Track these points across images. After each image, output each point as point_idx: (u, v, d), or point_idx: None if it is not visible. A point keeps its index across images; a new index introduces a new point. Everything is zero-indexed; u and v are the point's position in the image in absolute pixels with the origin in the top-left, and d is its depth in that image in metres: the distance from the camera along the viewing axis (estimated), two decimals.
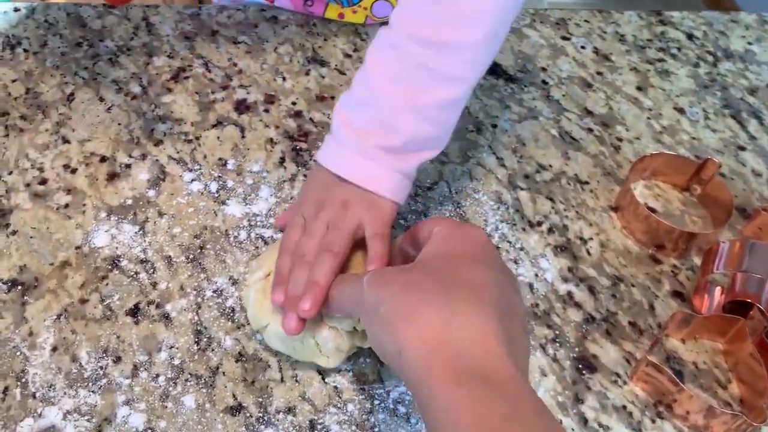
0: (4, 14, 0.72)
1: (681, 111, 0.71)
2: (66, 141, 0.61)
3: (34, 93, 0.64)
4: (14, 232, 0.54)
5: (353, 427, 0.46)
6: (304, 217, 0.51)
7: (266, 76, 0.68)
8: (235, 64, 0.69)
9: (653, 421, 0.48)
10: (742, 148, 0.68)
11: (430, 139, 0.53)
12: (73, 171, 0.59)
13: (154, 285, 0.52)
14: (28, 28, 0.71)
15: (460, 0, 0.49)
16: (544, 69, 0.74)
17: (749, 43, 0.80)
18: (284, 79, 0.68)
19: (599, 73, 0.74)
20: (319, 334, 0.47)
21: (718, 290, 0.55)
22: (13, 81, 0.65)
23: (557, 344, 0.51)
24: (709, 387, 0.51)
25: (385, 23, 0.53)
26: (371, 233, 0.50)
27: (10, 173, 0.58)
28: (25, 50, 0.68)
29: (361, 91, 0.52)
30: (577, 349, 0.51)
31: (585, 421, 0.48)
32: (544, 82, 0.72)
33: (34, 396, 0.46)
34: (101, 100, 0.64)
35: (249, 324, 0.50)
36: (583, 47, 0.76)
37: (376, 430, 0.46)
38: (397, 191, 0.52)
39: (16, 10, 0.72)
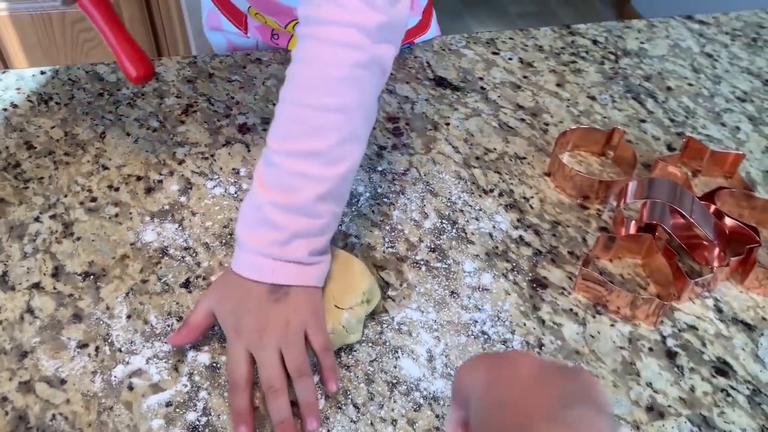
0: (33, 77, 0.86)
1: (593, 98, 0.89)
2: (106, 168, 0.75)
3: (72, 135, 0.79)
4: (78, 238, 0.68)
5: (369, 343, 0.60)
6: (246, 348, 0.55)
7: (260, 104, 0.84)
8: (232, 98, 0.85)
9: (594, 317, 0.64)
10: (643, 121, 0.86)
11: (318, 227, 0.58)
12: (116, 189, 0.73)
13: (198, 264, 0.66)
14: (56, 85, 0.85)
15: (312, 117, 0.58)
16: (481, 78, 0.91)
17: (641, 43, 0.99)
18: (274, 105, 0.84)
19: (525, 77, 0.91)
20: (343, 320, 0.59)
21: (633, 222, 0.72)
22: (52, 127, 0.79)
23: (515, 272, 0.67)
24: (633, 290, 0.67)
25: None
26: (320, 346, 0.56)
27: (66, 196, 0.72)
28: (57, 103, 0.83)
29: (248, 207, 0.59)
30: (530, 274, 0.67)
31: (543, 321, 0.63)
32: (482, 88, 0.89)
33: (120, 350, 0.59)
34: (128, 134, 0.79)
35: None
36: (510, 58, 0.94)
37: (387, 343, 0.61)
38: (321, 276, 0.59)
39: (43, 72, 0.87)
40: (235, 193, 0.73)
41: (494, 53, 0.95)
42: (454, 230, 0.70)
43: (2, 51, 2.01)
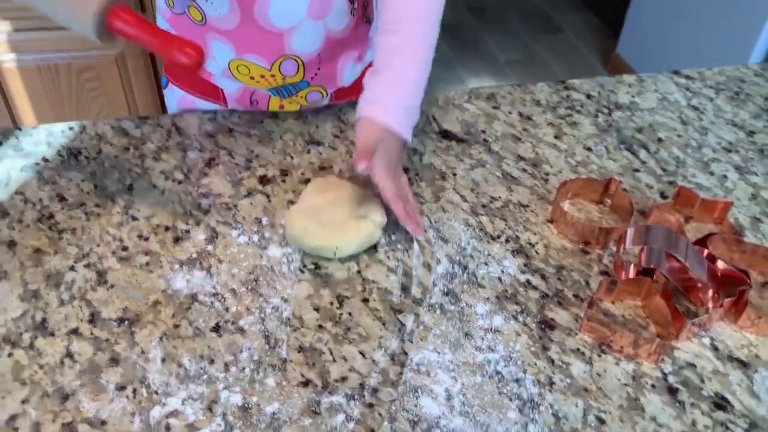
0: (63, 132, 0.91)
1: (589, 149, 0.94)
2: (135, 218, 0.79)
3: (101, 187, 0.83)
4: (112, 286, 0.72)
5: (390, 384, 0.64)
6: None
7: (278, 157, 0.89)
8: (252, 151, 0.90)
9: (599, 356, 0.68)
10: (637, 170, 0.91)
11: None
12: (146, 239, 0.77)
13: (227, 309, 0.70)
14: (84, 140, 0.90)
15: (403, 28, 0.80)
16: (483, 131, 0.97)
17: (632, 97, 1.05)
18: (291, 157, 0.89)
19: (525, 130, 0.97)
20: (377, 215, 0.77)
21: (632, 266, 0.76)
22: (83, 180, 0.84)
23: (525, 314, 0.71)
24: (635, 330, 0.71)
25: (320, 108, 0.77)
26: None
27: (98, 245, 0.76)
28: (86, 157, 0.87)
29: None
30: (539, 316, 0.71)
31: (552, 361, 0.67)
32: (485, 140, 0.95)
33: (156, 392, 0.63)
34: (154, 186, 0.84)
35: (303, 326, 0.69)
36: (510, 112, 1.00)
37: (407, 383, 0.65)
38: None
39: (71, 128, 0.92)
40: (258, 241, 0.77)
41: (495, 107, 1.01)
42: (466, 275, 0.75)
43: (9, 100, 2.07)
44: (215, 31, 0.86)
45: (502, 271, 0.76)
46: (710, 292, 0.72)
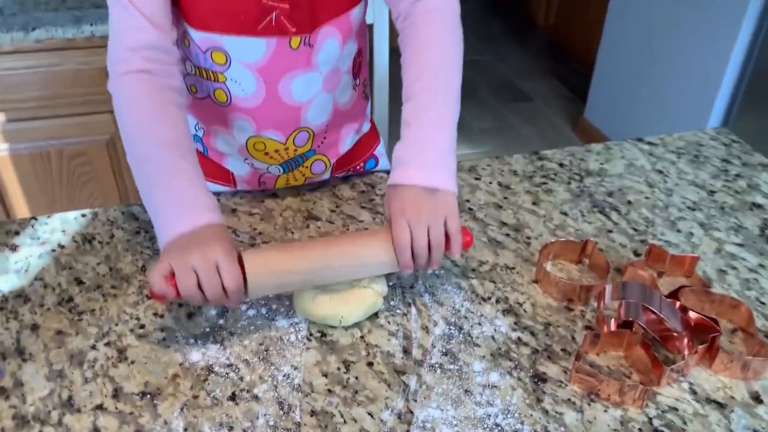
0: (75, 219, 0.97)
1: (565, 214, 1.02)
2: (149, 297, 0.85)
3: (116, 269, 0.89)
4: (132, 362, 0.77)
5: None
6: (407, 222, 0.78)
7: (279, 233, 0.96)
8: (255, 229, 0.96)
9: (589, 404, 0.74)
10: (610, 231, 0.99)
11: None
12: (161, 316, 0.82)
13: (241, 378, 0.75)
14: (97, 226, 0.96)
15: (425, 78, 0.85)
16: (467, 200, 1.04)
17: (601, 163, 1.15)
18: (292, 233, 0.96)
19: (505, 198, 1.05)
20: (378, 285, 0.82)
21: (612, 320, 0.83)
22: (98, 264, 0.90)
23: (518, 369, 0.77)
24: (619, 379, 0.77)
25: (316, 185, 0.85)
26: (455, 229, 0.81)
27: (117, 324, 0.81)
28: (99, 242, 0.93)
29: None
30: (531, 371, 0.77)
31: (546, 411, 0.73)
32: (470, 209, 1.03)
33: None
34: None
35: (314, 391, 0.74)
36: (490, 182, 1.09)
37: None
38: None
39: (84, 215, 0.98)
40: (267, 313, 0.83)
41: (476, 178, 1.09)
42: (462, 335, 0.81)
43: (1, 189, 2.11)
44: (238, 111, 0.94)
45: (495, 330, 0.82)
46: (685, 340, 0.79)
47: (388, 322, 0.83)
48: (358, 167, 1.10)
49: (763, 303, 0.87)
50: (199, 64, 0.91)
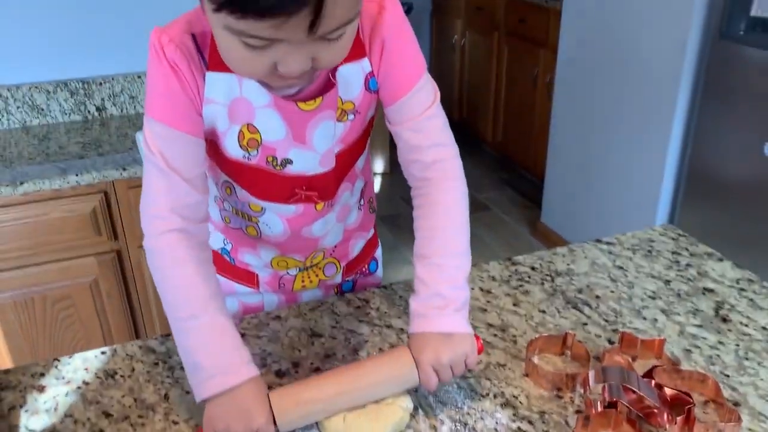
0: (96, 357, 1.04)
1: (543, 312, 1.14)
2: (176, 423, 0.91)
3: (140, 400, 0.95)
4: None
5: None
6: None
7: (287, 351, 1.04)
8: (264, 350, 1.05)
9: None
10: (585, 324, 1.11)
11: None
12: None
13: None
14: (117, 362, 1.03)
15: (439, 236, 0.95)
16: None
17: (568, 264, 1.28)
18: (299, 351, 1.05)
19: (488, 301, 1.16)
20: (404, 401, 0.88)
21: (599, 402, 0.93)
22: (123, 396, 0.96)
23: None
24: None
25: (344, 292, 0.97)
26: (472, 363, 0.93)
27: None
28: (122, 376, 1.00)
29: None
30: None
31: None
32: None
33: None
34: (187, 392, 0.96)
35: None
36: (473, 288, 1.20)
37: None
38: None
39: (103, 352, 1.05)
40: None
41: None
42: (467, 430, 0.89)
43: None
44: (266, 242, 1.09)
45: (497, 423, 0.91)
46: (665, 415, 0.88)
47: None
48: (363, 270, 1.25)
49: (727, 375, 0.98)
50: (237, 208, 1.05)
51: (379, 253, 1.28)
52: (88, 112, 2.40)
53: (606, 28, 2.82)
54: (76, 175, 1.96)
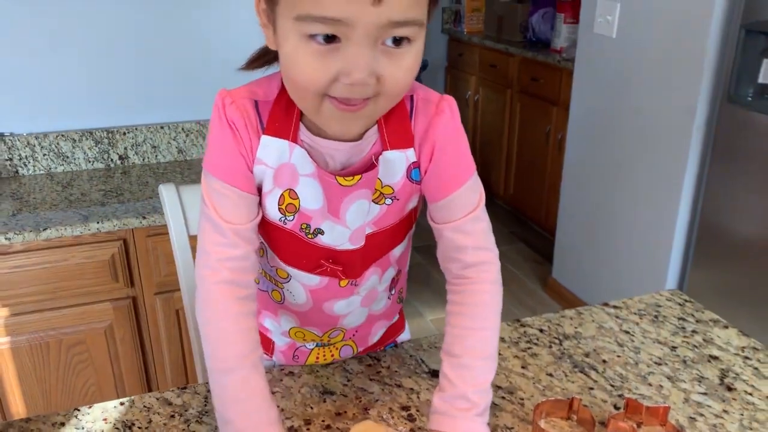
0: (115, 407, 1.07)
1: (551, 375, 1.16)
2: None
3: None
4: None
5: None
6: None
7: (299, 408, 1.07)
8: (278, 406, 1.07)
9: None
10: (591, 388, 1.13)
11: None
12: None
13: None
14: (134, 413, 1.06)
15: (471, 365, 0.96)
16: None
17: (575, 327, 1.30)
18: (311, 408, 1.07)
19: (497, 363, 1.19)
20: None
21: None
22: None
23: None
24: None
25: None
26: None
27: None
28: (139, 427, 1.03)
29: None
30: None
31: None
32: None
33: None
34: None
35: None
36: None
37: None
38: None
39: (122, 403, 1.08)
40: None
41: None
42: None
43: None
44: (288, 309, 1.12)
45: None
46: None
47: None
48: (377, 349, 1.25)
49: None
50: (266, 270, 1.10)
51: (403, 337, 1.30)
52: (111, 160, 2.47)
53: (617, 88, 2.89)
54: (97, 222, 2.01)
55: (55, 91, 2.37)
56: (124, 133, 2.46)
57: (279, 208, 0.98)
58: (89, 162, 2.45)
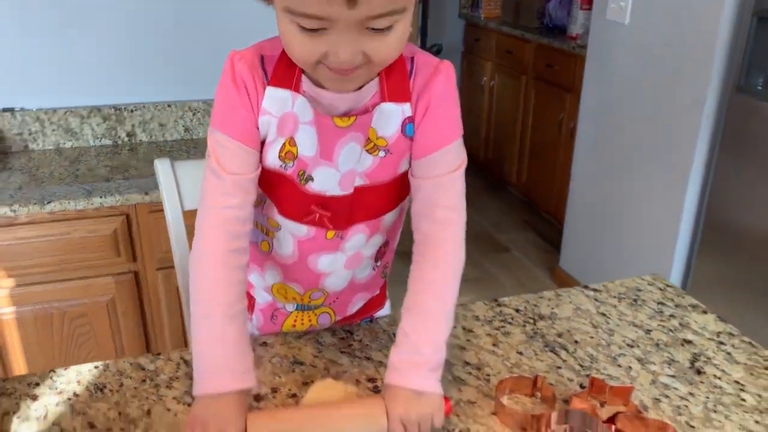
0: (89, 371, 1.10)
1: (521, 353, 1.17)
2: None
3: (124, 414, 1.01)
4: None
5: None
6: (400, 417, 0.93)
7: (269, 377, 1.09)
8: None
9: None
10: (559, 368, 1.13)
11: None
12: None
13: None
14: (107, 377, 1.09)
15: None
16: None
17: (552, 308, 1.30)
18: (280, 377, 1.09)
19: (468, 340, 1.20)
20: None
21: None
22: (108, 409, 1.02)
23: None
24: None
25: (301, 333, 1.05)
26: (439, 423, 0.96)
27: None
28: (110, 390, 1.06)
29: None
30: None
31: None
32: None
33: None
34: (168, 410, 1.02)
35: None
36: (455, 327, 1.23)
37: None
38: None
39: (96, 367, 1.11)
40: None
41: None
42: None
43: (2, 348, 2.20)
44: (274, 261, 1.14)
45: None
46: None
47: None
48: (354, 323, 1.27)
49: (693, 426, 1.00)
50: (257, 220, 1.12)
51: (382, 313, 1.31)
52: (119, 137, 2.51)
53: (628, 75, 2.85)
54: (100, 197, 2.05)
55: (64, 67, 2.41)
56: (132, 111, 2.49)
57: (279, 156, 1.01)
58: (97, 138, 2.49)
